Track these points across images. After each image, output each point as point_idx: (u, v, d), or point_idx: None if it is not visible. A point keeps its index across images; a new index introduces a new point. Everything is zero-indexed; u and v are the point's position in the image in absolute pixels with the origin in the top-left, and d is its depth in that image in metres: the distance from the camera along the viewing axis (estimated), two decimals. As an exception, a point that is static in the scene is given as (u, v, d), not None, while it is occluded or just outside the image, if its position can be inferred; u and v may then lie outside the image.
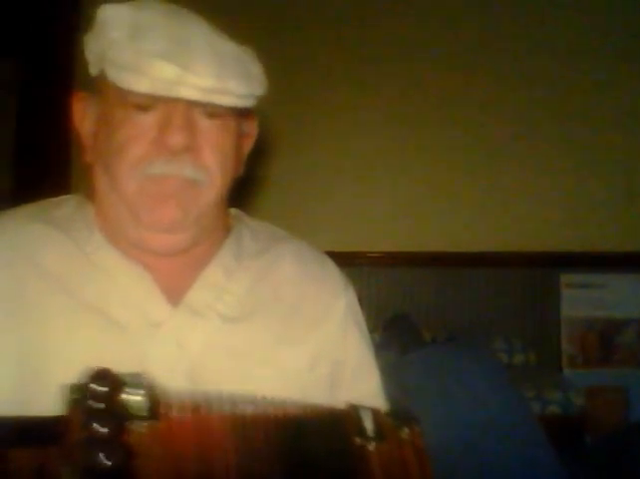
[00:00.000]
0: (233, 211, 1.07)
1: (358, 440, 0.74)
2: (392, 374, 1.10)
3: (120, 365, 0.79)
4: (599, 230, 2.72)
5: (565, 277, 2.74)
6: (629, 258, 2.71)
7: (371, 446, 0.74)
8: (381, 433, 0.75)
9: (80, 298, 0.88)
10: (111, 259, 0.92)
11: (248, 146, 1.02)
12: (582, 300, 2.72)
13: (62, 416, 0.58)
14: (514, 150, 2.76)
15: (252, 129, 1.03)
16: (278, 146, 2.54)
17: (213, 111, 0.90)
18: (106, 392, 0.59)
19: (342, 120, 2.75)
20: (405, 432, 0.77)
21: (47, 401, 0.61)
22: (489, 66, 2.77)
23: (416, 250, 2.72)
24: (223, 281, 0.96)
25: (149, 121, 0.88)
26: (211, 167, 0.90)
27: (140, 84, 0.84)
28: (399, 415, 0.79)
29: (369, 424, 0.75)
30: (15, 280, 0.88)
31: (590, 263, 2.72)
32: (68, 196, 1.02)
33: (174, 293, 0.92)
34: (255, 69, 0.92)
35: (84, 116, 0.96)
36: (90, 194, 0.98)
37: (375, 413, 0.76)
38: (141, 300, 0.90)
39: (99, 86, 0.92)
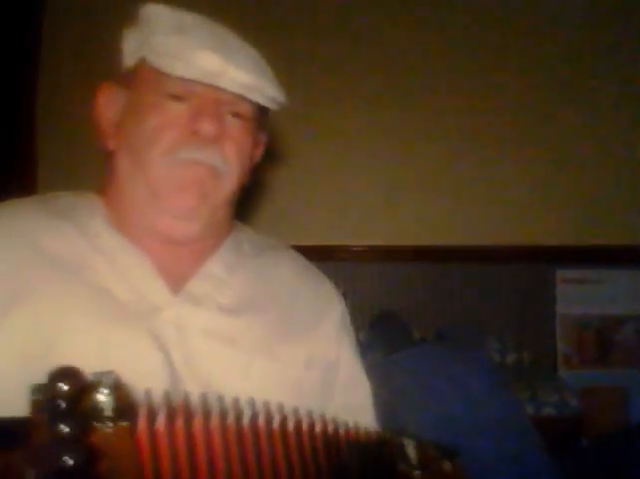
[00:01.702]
0: (234, 221, 1.12)
1: (403, 467, 0.76)
2: (379, 375, 1.12)
3: (124, 343, 0.87)
4: (596, 224, 2.71)
5: (561, 273, 2.72)
6: (627, 253, 2.69)
7: (415, 474, 0.76)
8: (424, 463, 0.77)
9: (82, 279, 0.92)
10: (114, 243, 0.96)
11: (259, 155, 1.09)
12: (579, 297, 2.70)
13: (26, 417, 0.58)
14: (508, 142, 2.74)
15: (263, 140, 1.09)
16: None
17: (239, 111, 0.97)
18: (70, 391, 0.57)
19: (324, 112, 2.74)
20: (447, 465, 0.79)
21: None
22: (482, 56, 2.76)
23: (403, 244, 2.70)
24: (224, 275, 1.01)
25: (180, 110, 0.94)
26: (232, 160, 0.97)
27: (184, 70, 0.90)
28: (441, 448, 0.81)
29: (412, 453, 0.77)
30: (16, 264, 0.91)
31: (587, 259, 2.71)
32: (64, 192, 1.05)
33: (175, 282, 0.96)
34: (274, 76, 0.99)
35: (108, 105, 1.01)
36: (105, 180, 1.02)
37: (418, 443, 0.78)
38: (141, 284, 0.94)
39: (134, 76, 0.98)
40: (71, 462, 0.54)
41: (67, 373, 0.59)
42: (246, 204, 2.46)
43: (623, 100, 2.73)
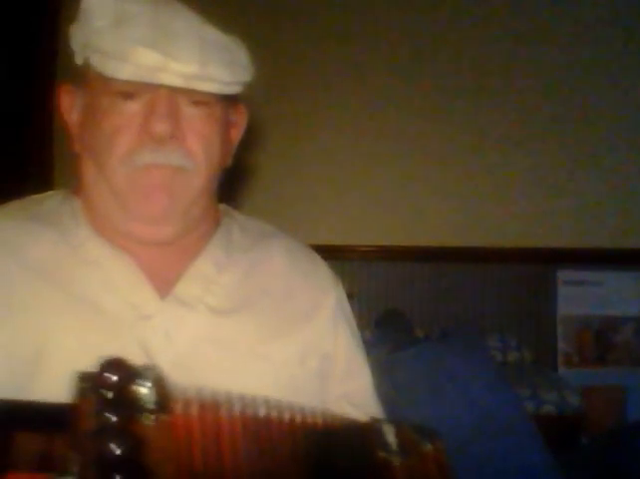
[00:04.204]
0: (222, 206, 1.07)
1: (382, 454, 0.74)
2: (383, 372, 1.12)
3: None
4: (597, 225, 2.70)
5: (562, 274, 2.71)
6: (627, 255, 2.68)
7: (395, 461, 0.74)
8: (404, 448, 0.75)
9: (68, 291, 0.88)
10: (98, 251, 0.92)
11: (237, 136, 1.02)
12: (579, 297, 2.70)
13: (71, 404, 0.58)
14: (510, 144, 2.74)
15: (241, 119, 1.02)
16: (267, 137, 2.53)
17: (198, 98, 0.90)
18: (117, 382, 0.58)
19: (332, 111, 2.73)
20: (428, 447, 0.77)
21: (39, 392, 0.61)
22: (482, 57, 2.75)
23: (409, 244, 2.69)
24: (213, 274, 0.96)
25: (134, 109, 0.88)
26: (197, 153, 0.91)
27: (123, 71, 0.85)
28: (421, 430, 0.79)
29: (392, 438, 0.75)
30: (1, 277, 0.88)
31: (588, 260, 2.70)
32: (51, 192, 1.02)
33: (163, 284, 0.92)
34: (241, 56, 0.92)
35: (71, 106, 0.96)
36: (77, 183, 0.97)
37: (398, 427, 0.76)
38: (129, 292, 0.90)
39: (84, 75, 0.93)
40: (118, 451, 0.54)
41: (116, 364, 0.60)
42: (253, 203, 2.49)
43: (624, 102, 2.72)
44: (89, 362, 0.78)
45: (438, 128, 2.74)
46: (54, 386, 0.60)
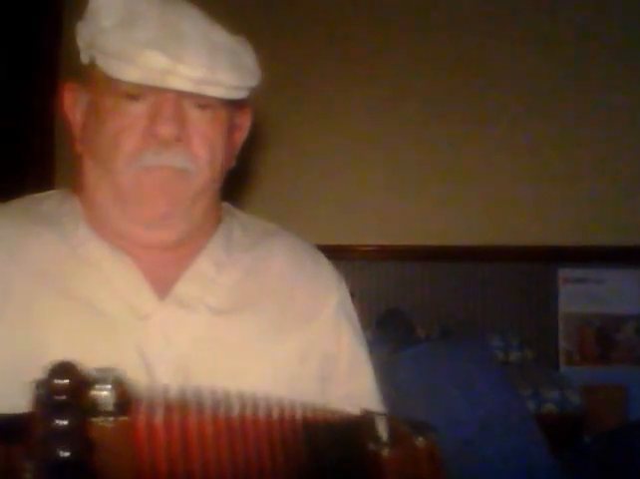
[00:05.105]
0: (224, 204, 1.06)
1: (372, 446, 0.74)
2: (385, 372, 1.10)
3: (109, 359, 0.78)
4: (598, 223, 2.70)
5: (563, 272, 2.71)
6: (628, 253, 2.68)
7: (385, 453, 0.74)
8: (395, 440, 0.75)
9: (67, 293, 0.88)
10: (98, 252, 0.92)
11: (241, 138, 1.01)
12: (580, 296, 2.70)
13: (27, 412, 0.58)
14: (510, 143, 2.74)
15: (245, 121, 1.02)
16: (269, 137, 2.52)
17: (204, 102, 0.89)
18: (67, 385, 0.58)
19: (333, 111, 2.74)
20: (420, 440, 0.77)
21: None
22: (482, 59, 2.76)
23: (410, 244, 2.70)
24: (213, 274, 0.95)
25: (139, 110, 0.88)
26: (201, 157, 0.90)
27: (129, 73, 0.84)
28: (414, 423, 0.79)
29: (383, 431, 0.75)
30: (0, 278, 0.88)
31: (589, 258, 2.70)
32: (52, 191, 1.01)
33: (163, 285, 0.92)
34: (249, 60, 0.92)
35: (74, 106, 0.96)
36: (77, 184, 0.97)
37: (390, 420, 0.76)
38: (128, 294, 0.90)
39: (89, 74, 0.92)
40: (67, 454, 0.54)
41: (65, 368, 0.59)
42: (254, 203, 2.50)
43: (625, 100, 2.72)
44: (86, 363, 0.77)
45: (437, 128, 2.74)
46: None
